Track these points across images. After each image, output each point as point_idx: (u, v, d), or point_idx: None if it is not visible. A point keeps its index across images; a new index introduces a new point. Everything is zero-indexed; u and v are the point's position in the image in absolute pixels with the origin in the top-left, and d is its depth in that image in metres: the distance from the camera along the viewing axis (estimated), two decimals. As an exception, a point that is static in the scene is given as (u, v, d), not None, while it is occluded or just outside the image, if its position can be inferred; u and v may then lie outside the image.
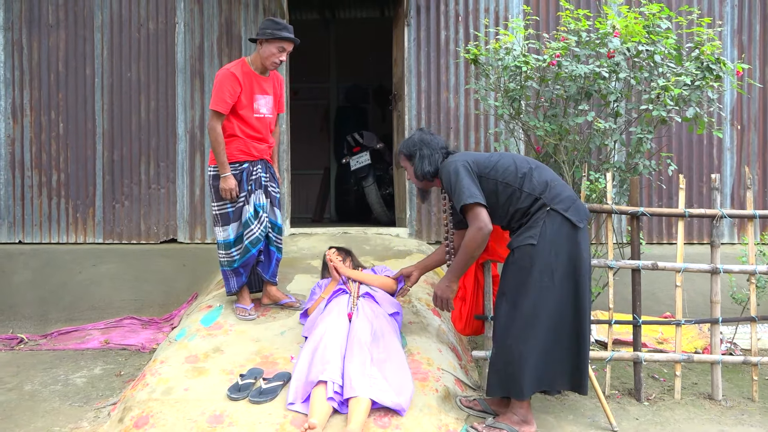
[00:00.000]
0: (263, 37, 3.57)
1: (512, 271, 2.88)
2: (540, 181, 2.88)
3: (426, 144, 3.10)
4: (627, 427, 3.08)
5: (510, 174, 2.91)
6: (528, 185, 2.88)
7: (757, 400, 3.44)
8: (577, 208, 2.85)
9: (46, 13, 5.32)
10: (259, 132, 3.68)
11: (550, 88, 4.06)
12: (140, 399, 3.00)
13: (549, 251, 2.78)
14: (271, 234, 3.76)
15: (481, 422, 2.90)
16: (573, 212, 2.82)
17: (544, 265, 2.78)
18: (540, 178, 2.90)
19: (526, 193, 2.87)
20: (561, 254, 2.79)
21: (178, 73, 5.25)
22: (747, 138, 5.07)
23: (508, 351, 2.84)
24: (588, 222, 3.43)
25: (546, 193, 2.85)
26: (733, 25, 5.06)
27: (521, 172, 2.91)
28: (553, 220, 2.81)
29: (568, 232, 2.81)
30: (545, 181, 2.89)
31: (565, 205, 2.82)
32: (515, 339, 2.81)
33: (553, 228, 2.80)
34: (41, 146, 5.33)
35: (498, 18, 5.12)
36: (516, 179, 2.90)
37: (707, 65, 3.78)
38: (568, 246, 2.80)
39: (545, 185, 2.87)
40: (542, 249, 2.78)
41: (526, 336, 2.80)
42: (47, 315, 5.09)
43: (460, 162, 2.95)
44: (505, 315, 2.87)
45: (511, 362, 2.82)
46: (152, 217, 5.27)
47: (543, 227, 2.81)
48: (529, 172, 2.91)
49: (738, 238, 5.02)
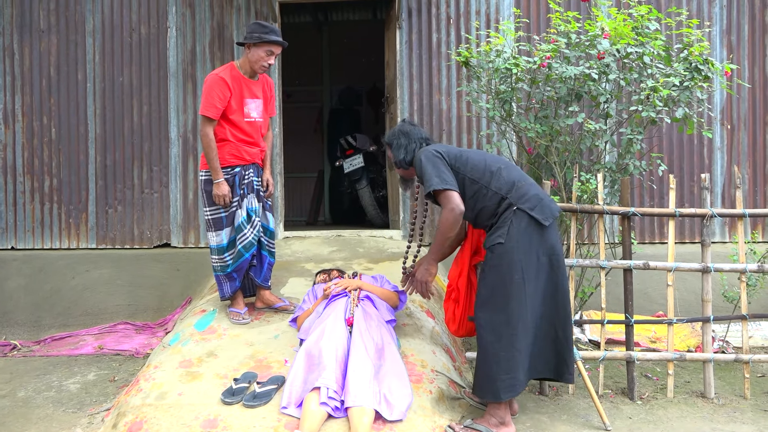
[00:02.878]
0: (251, 41, 3.57)
1: (485, 271, 2.95)
2: (507, 181, 2.95)
3: (405, 134, 3.19)
4: (620, 426, 3.10)
5: (478, 171, 2.98)
6: (495, 184, 2.95)
7: (748, 397, 3.46)
8: (543, 207, 2.90)
9: (38, 18, 5.31)
10: (250, 136, 3.68)
11: (541, 90, 4.08)
12: (134, 404, 3.00)
13: (518, 249, 2.84)
14: (263, 238, 3.76)
15: (459, 423, 2.92)
16: (538, 211, 2.88)
17: (514, 263, 2.84)
18: (508, 177, 2.96)
19: (492, 191, 2.94)
20: (530, 252, 2.85)
21: (170, 77, 5.25)
22: (737, 137, 5.11)
23: (484, 351, 2.88)
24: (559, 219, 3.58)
25: (512, 193, 2.92)
26: (722, 26, 5.10)
27: (489, 170, 2.98)
28: (520, 219, 2.87)
29: (535, 231, 2.87)
30: (512, 180, 2.95)
31: (531, 204, 2.89)
32: (491, 340, 2.86)
33: (521, 227, 2.86)
34: (33, 151, 5.31)
35: (489, 20, 5.14)
36: (483, 176, 2.97)
37: (696, 66, 3.81)
38: (536, 244, 2.87)
39: (512, 185, 2.94)
40: (511, 248, 2.85)
41: (501, 336, 2.84)
42: (41, 321, 5.07)
43: (432, 150, 3.03)
44: (482, 316, 2.92)
45: (487, 362, 2.86)
46: (145, 221, 5.26)
47: (510, 226, 2.87)
48: (497, 171, 2.98)
49: (729, 237, 5.05)
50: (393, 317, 3.43)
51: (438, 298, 4.15)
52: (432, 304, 4.00)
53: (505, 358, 2.84)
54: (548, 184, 3.62)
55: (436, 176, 2.91)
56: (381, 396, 2.85)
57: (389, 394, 2.87)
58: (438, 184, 2.89)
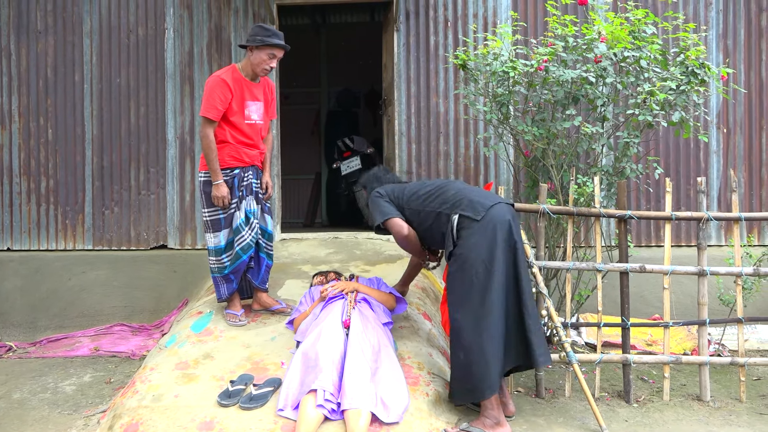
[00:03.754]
0: (253, 43, 3.58)
1: (448, 280, 3.10)
2: (443, 198, 3.17)
3: (377, 179, 3.49)
4: (616, 428, 3.10)
5: (414, 200, 3.25)
6: (431, 205, 3.18)
7: (744, 400, 3.47)
8: (473, 205, 3.05)
9: (35, 20, 5.31)
10: (250, 138, 3.68)
11: (538, 93, 4.09)
12: (130, 406, 2.99)
13: (471, 250, 2.97)
14: (261, 240, 3.76)
15: (455, 426, 2.93)
16: (470, 209, 3.04)
17: (471, 263, 2.97)
18: (443, 195, 3.19)
19: (428, 211, 3.18)
20: (484, 249, 2.96)
21: (167, 79, 5.25)
22: (733, 141, 5.13)
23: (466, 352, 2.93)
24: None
25: (447, 206, 3.13)
26: (719, 30, 5.12)
27: (425, 195, 3.23)
28: (461, 222, 3.04)
29: (475, 228, 2.99)
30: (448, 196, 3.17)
31: (463, 206, 3.07)
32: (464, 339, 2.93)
33: (468, 231, 3.01)
34: (30, 152, 5.30)
35: (486, 23, 5.16)
36: (421, 203, 3.22)
37: (692, 70, 3.83)
38: (488, 241, 2.97)
39: (447, 200, 3.15)
40: (464, 250, 2.99)
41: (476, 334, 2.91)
42: (36, 322, 5.06)
43: (375, 193, 3.35)
44: (454, 321, 3.00)
45: (467, 364, 2.91)
46: (142, 223, 5.25)
47: (457, 233, 3.03)
48: (433, 193, 3.23)
49: (725, 240, 5.07)
50: (390, 320, 3.43)
51: (435, 301, 4.16)
52: (429, 306, 4.00)
53: (484, 354, 2.89)
54: (545, 187, 3.63)
55: (377, 213, 3.25)
56: (377, 398, 2.85)
57: (386, 396, 2.87)
58: (378, 219, 3.23)
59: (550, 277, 4.24)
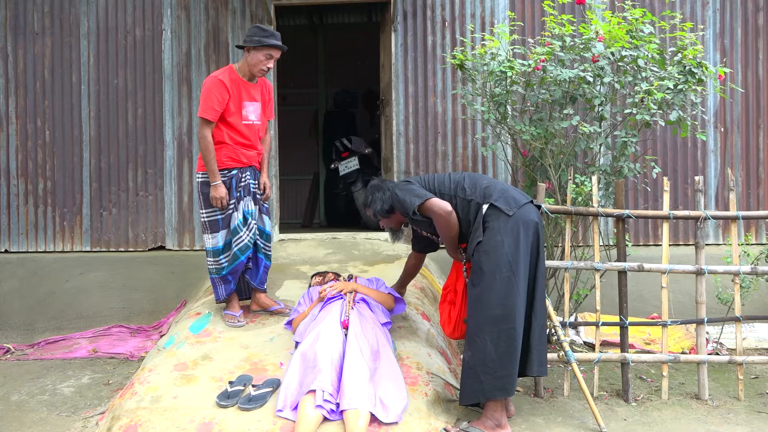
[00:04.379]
0: (250, 44, 3.58)
1: (474, 272, 3.00)
2: (473, 186, 3.09)
3: (377, 188, 3.32)
4: (615, 427, 3.11)
5: (445, 186, 3.14)
6: (461, 192, 3.09)
7: (742, 399, 3.47)
8: (507, 198, 2.99)
9: (32, 21, 5.30)
10: (247, 139, 3.68)
11: (536, 93, 4.09)
12: (128, 408, 2.99)
13: (501, 244, 2.90)
14: (259, 241, 3.76)
15: (455, 425, 2.93)
16: (502, 201, 2.97)
17: (500, 258, 2.90)
18: (472, 183, 3.11)
19: (460, 198, 3.08)
20: (512, 245, 2.91)
21: (165, 80, 5.25)
22: (730, 140, 5.14)
23: (481, 352, 2.89)
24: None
25: (477, 194, 3.04)
26: (716, 29, 5.13)
27: (454, 182, 3.14)
28: (490, 214, 2.97)
29: (503, 222, 2.94)
30: (477, 185, 3.09)
31: (496, 197, 3.00)
32: (482, 339, 2.89)
33: (498, 223, 2.94)
34: (27, 154, 5.30)
35: (484, 23, 5.16)
36: (450, 189, 3.12)
37: (690, 69, 3.84)
38: (510, 236, 2.92)
39: (477, 188, 3.07)
40: (493, 243, 2.92)
41: (499, 333, 2.87)
42: (34, 324, 5.05)
43: (401, 182, 3.24)
44: (477, 317, 2.94)
45: (490, 362, 2.87)
46: (140, 224, 5.25)
47: (486, 224, 2.97)
48: (462, 180, 3.15)
49: (723, 239, 5.08)
50: (388, 320, 3.43)
51: (433, 301, 4.16)
52: (427, 306, 4.00)
53: (507, 353, 2.86)
54: (543, 186, 3.63)
55: (412, 197, 3.06)
56: (376, 398, 2.85)
57: (385, 396, 2.87)
58: (416, 201, 3.03)
59: (548, 277, 4.24)
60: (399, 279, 3.67)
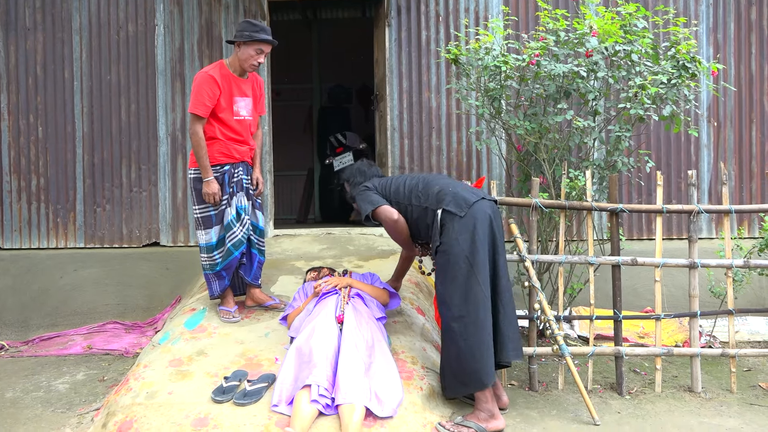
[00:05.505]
0: (240, 39, 3.56)
1: (437, 273, 3.12)
2: (426, 193, 3.19)
3: (361, 173, 3.47)
4: (609, 420, 3.13)
5: (399, 193, 3.27)
6: (416, 199, 3.21)
7: (735, 391, 3.50)
8: (457, 200, 3.08)
9: (23, 16, 5.26)
10: (239, 134, 3.67)
11: (530, 88, 4.10)
12: (124, 404, 2.99)
13: (456, 243, 3.00)
14: (252, 236, 3.75)
15: (449, 420, 2.94)
16: (453, 205, 3.07)
17: (457, 256, 2.99)
18: (426, 189, 3.21)
19: (415, 205, 3.21)
20: (469, 242, 2.99)
21: (158, 76, 5.22)
22: (723, 134, 5.16)
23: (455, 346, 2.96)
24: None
25: (431, 200, 3.16)
26: (709, 24, 5.15)
27: (408, 189, 3.25)
28: (444, 218, 3.08)
29: (457, 223, 3.02)
30: (432, 190, 3.19)
31: (447, 201, 3.09)
32: (459, 333, 2.95)
33: (448, 224, 3.06)
34: (20, 150, 5.27)
35: (478, 18, 5.16)
36: (404, 197, 3.25)
37: (683, 64, 3.84)
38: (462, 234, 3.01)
39: (431, 194, 3.18)
40: (450, 244, 3.03)
41: (467, 326, 2.94)
42: (29, 321, 5.03)
43: (361, 186, 3.37)
44: (443, 315, 3.05)
45: (461, 356, 2.94)
46: (134, 220, 5.23)
47: (443, 227, 3.07)
48: (415, 186, 3.25)
49: (716, 233, 5.10)
50: (383, 314, 3.43)
51: (428, 295, 4.17)
52: (422, 301, 4.01)
53: (477, 345, 2.92)
54: (537, 181, 3.64)
55: (366, 203, 3.26)
56: (372, 393, 2.85)
57: (380, 390, 2.88)
58: (367, 209, 3.23)
59: (542, 271, 4.26)
60: (394, 273, 3.68)
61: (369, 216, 3.25)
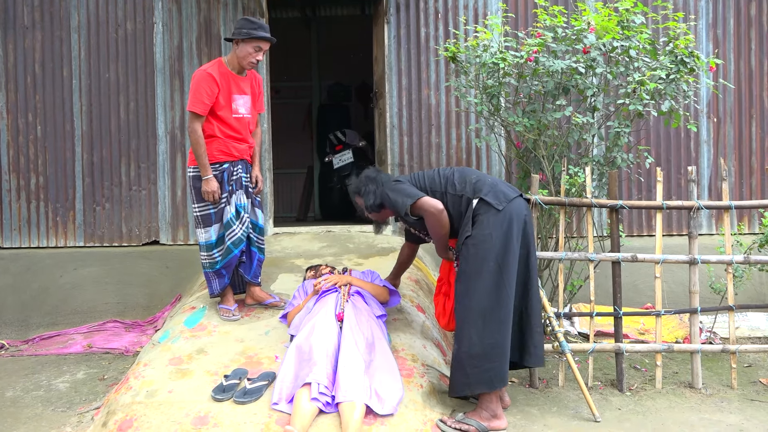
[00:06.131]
0: (239, 36, 3.55)
1: (461, 265, 3.02)
2: (462, 181, 3.09)
3: (372, 180, 3.29)
4: (609, 417, 3.13)
5: (435, 183, 3.14)
6: (451, 188, 3.10)
7: (735, 387, 3.50)
8: (496, 192, 2.99)
9: (21, 15, 5.25)
10: (238, 132, 3.67)
11: (528, 84, 4.09)
12: (124, 402, 2.99)
13: (489, 238, 2.92)
14: (252, 234, 3.75)
15: (451, 416, 2.94)
16: (492, 196, 2.98)
17: (487, 251, 2.91)
18: (462, 178, 3.11)
19: (450, 194, 3.08)
20: (502, 239, 2.92)
21: (157, 74, 5.21)
22: (723, 130, 5.15)
23: (469, 343, 2.91)
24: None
25: (467, 189, 3.04)
26: (708, 20, 5.13)
27: (444, 178, 3.14)
28: (479, 208, 2.98)
29: (492, 217, 2.95)
30: (467, 180, 3.09)
31: (485, 191, 3.01)
32: (477, 329, 2.90)
33: (487, 217, 2.95)
34: (19, 149, 5.26)
35: (477, 15, 5.14)
36: (440, 186, 3.12)
37: (682, 59, 3.84)
38: (499, 229, 2.93)
39: (467, 183, 3.07)
40: (482, 237, 2.93)
41: (486, 324, 2.89)
42: (29, 320, 5.03)
43: (391, 181, 3.22)
44: (462, 309, 2.97)
45: (476, 355, 2.89)
46: (134, 219, 5.23)
47: (476, 218, 2.98)
48: (451, 176, 3.14)
49: (716, 229, 5.10)
50: (383, 312, 3.43)
51: (428, 293, 4.17)
52: (422, 298, 4.01)
53: (492, 346, 2.88)
54: (537, 177, 3.64)
55: (403, 197, 3.06)
56: (372, 390, 2.85)
57: (380, 388, 2.88)
58: (408, 201, 3.03)
59: (542, 268, 4.26)
60: (393, 270, 3.67)
61: (407, 211, 3.04)
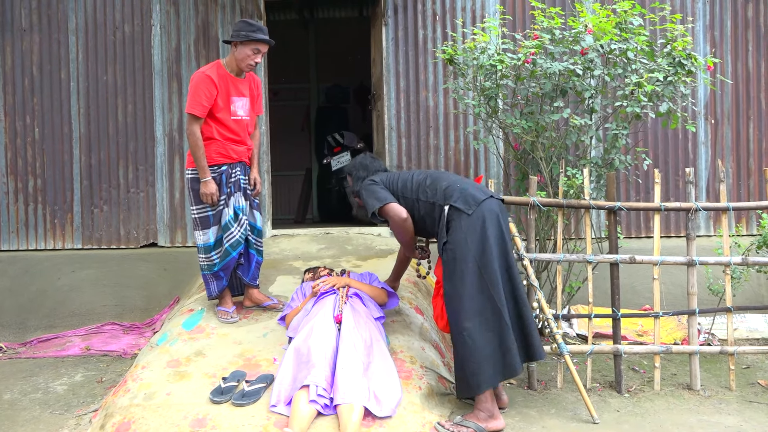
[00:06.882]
0: (237, 39, 3.56)
1: (444, 271, 3.08)
2: (434, 188, 3.15)
3: (364, 167, 3.40)
4: (608, 419, 3.13)
5: (407, 189, 3.22)
6: (423, 195, 3.17)
7: (734, 389, 3.50)
8: (466, 197, 3.04)
9: (19, 17, 5.25)
10: (237, 134, 3.67)
11: (526, 86, 4.10)
12: (122, 405, 2.98)
13: (464, 241, 2.97)
14: (250, 237, 3.75)
15: (449, 419, 2.94)
16: (461, 202, 3.03)
17: (465, 254, 2.96)
18: (434, 185, 3.16)
19: (422, 201, 3.16)
20: (477, 241, 2.96)
21: (155, 76, 5.21)
22: (721, 132, 5.16)
23: (461, 346, 2.95)
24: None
25: (438, 196, 3.11)
26: (705, 22, 5.15)
27: (417, 184, 3.25)
28: (451, 214, 3.03)
29: (464, 221, 3.00)
30: (439, 186, 3.15)
31: (455, 198, 3.06)
32: (460, 334, 2.94)
33: (460, 222, 3.01)
34: (16, 152, 5.25)
35: (475, 17, 5.15)
36: (412, 191, 3.20)
37: (679, 61, 3.85)
38: (470, 234, 2.97)
39: (439, 190, 3.14)
40: (457, 241, 2.99)
41: (467, 327, 2.92)
42: (26, 323, 5.02)
43: (368, 180, 3.30)
44: (450, 314, 3.02)
45: (464, 358, 2.92)
46: (132, 221, 5.22)
47: (449, 224, 3.03)
48: (423, 182, 3.20)
49: (714, 230, 5.10)
50: (382, 314, 3.43)
51: (426, 295, 4.17)
52: (420, 300, 4.00)
53: (487, 344, 2.90)
54: (535, 179, 3.64)
55: (373, 199, 3.18)
56: (370, 392, 2.85)
57: (378, 390, 2.87)
58: (375, 205, 3.16)
59: (540, 270, 4.26)
60: (392, 273, 3.67)
61: (375, 213, 3.18)
